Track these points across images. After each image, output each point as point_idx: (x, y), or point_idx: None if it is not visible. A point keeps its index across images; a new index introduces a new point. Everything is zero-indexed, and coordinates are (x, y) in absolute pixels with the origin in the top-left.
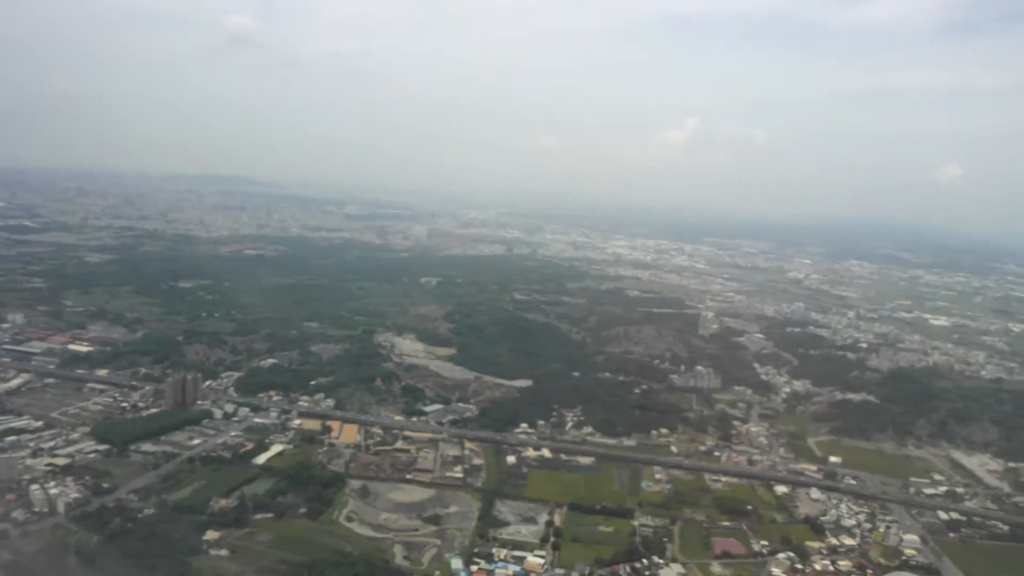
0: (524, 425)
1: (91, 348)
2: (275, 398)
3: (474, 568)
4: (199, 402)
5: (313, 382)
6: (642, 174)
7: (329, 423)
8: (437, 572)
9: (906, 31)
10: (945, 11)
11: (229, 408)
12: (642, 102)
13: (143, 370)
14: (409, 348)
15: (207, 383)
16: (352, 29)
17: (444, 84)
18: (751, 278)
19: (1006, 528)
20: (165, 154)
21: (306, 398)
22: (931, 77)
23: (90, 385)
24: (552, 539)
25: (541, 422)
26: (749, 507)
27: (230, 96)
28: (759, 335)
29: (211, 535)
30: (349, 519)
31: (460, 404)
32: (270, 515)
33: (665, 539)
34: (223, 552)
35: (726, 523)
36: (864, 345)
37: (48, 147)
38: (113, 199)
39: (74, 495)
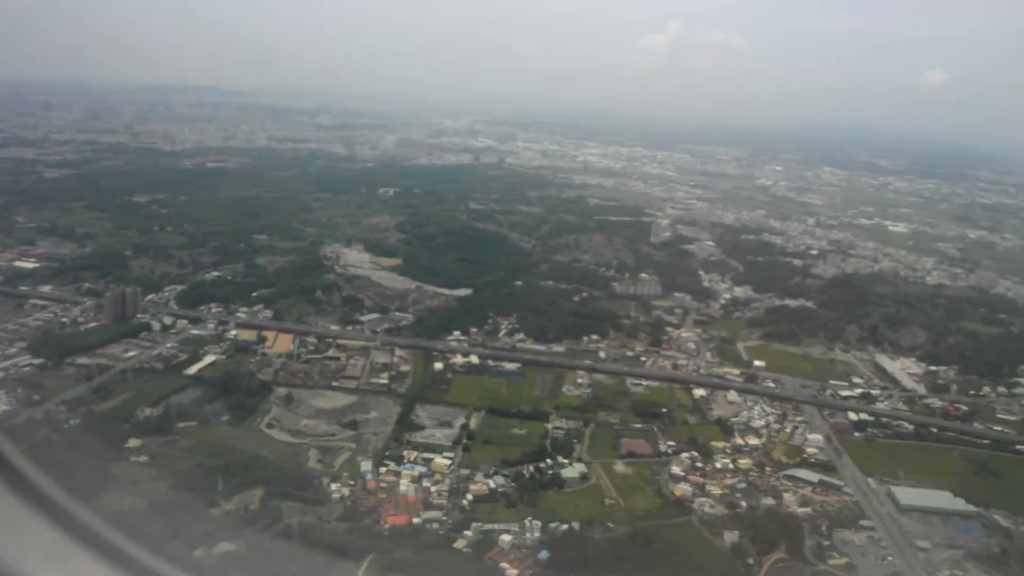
0: (457, 333)
1: (37, 264)
2: (215, 310)
3: (382, 469)
4: (139, 316)
5: (255, 294)
6: (624, 80)
7: (265, 333)
8: (345, 473)
9: None
10: None
11: (168, 321)
12: (624, 4)
13: (87, 285)
14: (355, 259)
15: (149, 296)
16: None
17: None
18: (717, 185)
19: (911, 428)
20: (137, 64)
21: (245, 310)
22: None
23: (32, 301)
24: (464, 441)
25: (474, 330)
26: (664, 410)
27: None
28: (709, 242)
29: (133, 443)
30: (270, 425)
31: (397, 313)
32: (194, 423)
33: (575, 440)
34: (143, 459)
35: (638, 425)
36: (815, 252)
37: (15, 58)
38: (79, 112)
39: (2, 407)
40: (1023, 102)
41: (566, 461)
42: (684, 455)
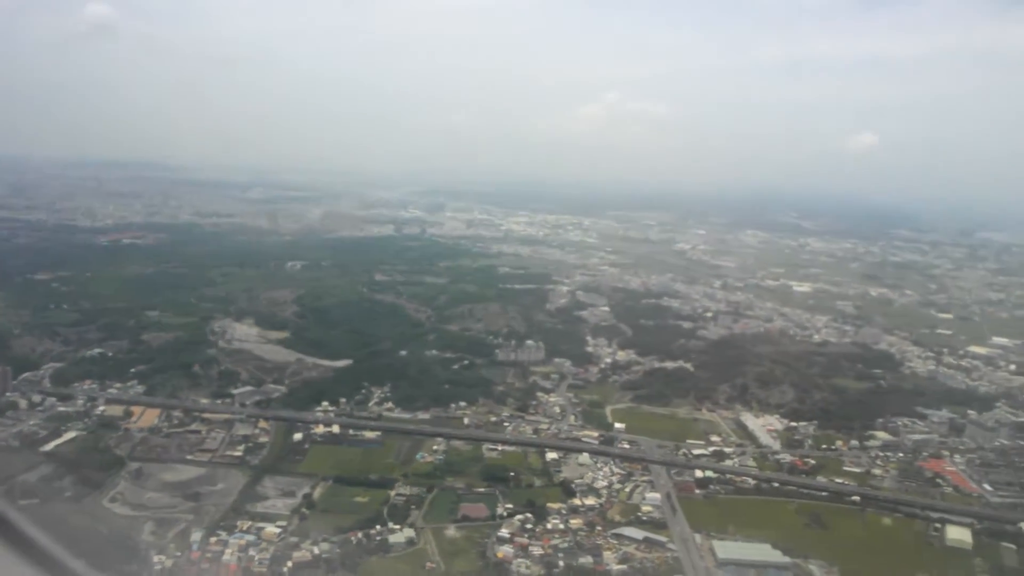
0: (326, 403)
1: None
2: (87, 386)
3: (212, 539)
4: (8, 394)
5: (132, 369)
6: (563, 148)
7: (132, 408)
8: (172, 544)
9: (823, 1)
10: None
11: (37, 398)
12: (561, 76)
13: None
14: (243, 333)
15: (24, 375)
16: (264, 9)
17: (358, 64)
18: (636, 251)
19: (753, 483)
20: (73, 139)
21: (118, 385)
22: (848, 46)
23: None
24: (303, 510)
25: (343, 400)
26: (512, 474)
27: (143, 79)
28: (604, 308)
29: None
30: (114, 500)
31: (271, 385)
32: (36, 500)
33: (414, 506)
34: None
35: (481, 489)
36: (709, 314)
37: None
38: (3, 188)
39: None
40: (949, 163)
41: (397, 527)
42: (518, 517)
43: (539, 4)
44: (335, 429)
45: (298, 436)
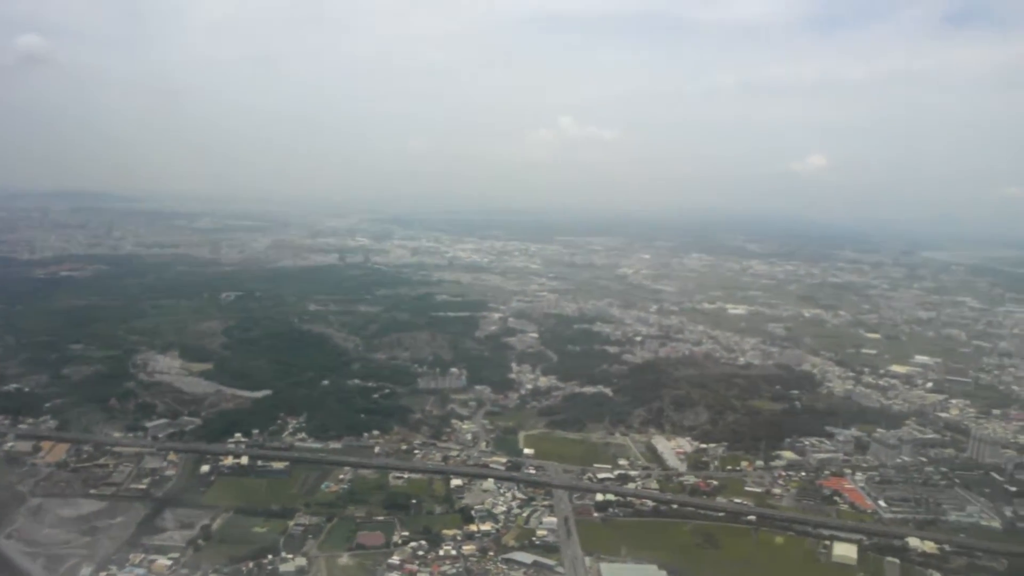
0: (239, 435)
1: None
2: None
3: (102, 574)
4: None
5: (48, 404)
6: (521, 174)
7: (43, 443)
8: None
9: (774, 26)
10: (809, 6)
11: None
12: (518, 102)
13: None
14: (165, 365)
15: None
16: (221, 32)
17: (313, 91)
18: (578, 276)
19: (652, 505)
20: (23, 169)
21: (31, 420)
22: (798, 70)
23: None
24: (199, 541)
25: (256, 431)
26: (414, 501)
27: (94, 110)
28: (533, 335)
29: None
30: (9, 536)
31: (187, 417)
32: None
33: (311, 536)
34: None
35: (380, 518)
36: (639, 339)
37: None
38: None
39: None
40: (896, 184)
41: (290, 556)
42: (412, 545)
43: (495, 31)
44: (244, 460)
45: (206, 468)
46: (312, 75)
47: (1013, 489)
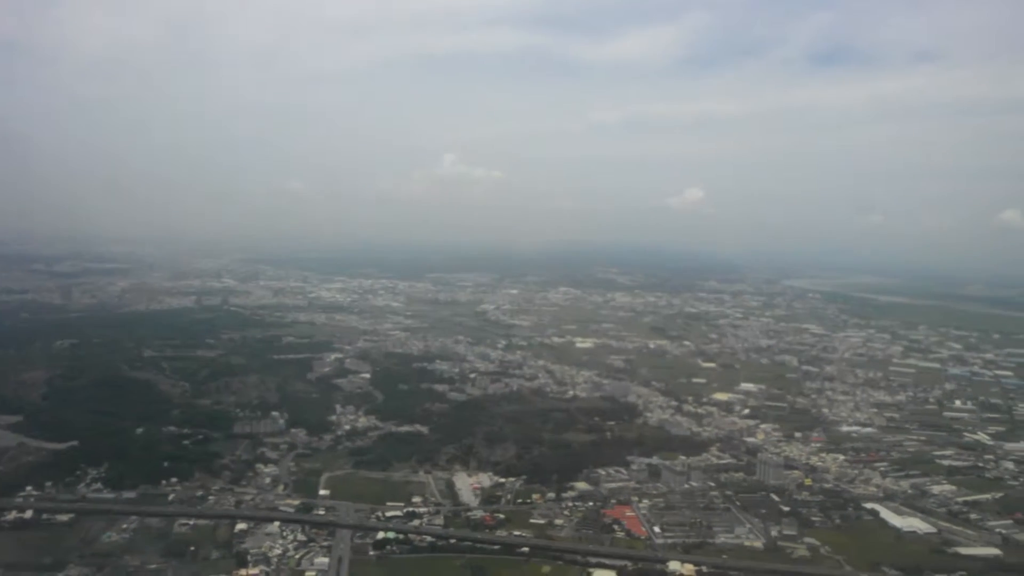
0: (30, 488)
1: None
2: None
3: None
4: None
5: None
6: (404, 211)
7: None
8: None
9: (654, 66)
10: (686, 47)
11: None
12: (401, 141)
13: None
14: None
15: None
16: (100, 69)
17: (193, 130)
18: (437, 313)
19: (430, 541)
20: None
21: None
22: (678, 107)
23: None
24: None
25: (50, 483)
26: (192, 548)
27: None
28: (366, 375)
29: None
30: None
31: None
32: None
33: None
34: None
35: (154, 565)
36: (473, 376)
37: None
38: None
39: None
40: (770, 215)
41: None
42: None
43: (379, 70)
44: (27, 514)
45: None
46: (192, 114)
47: (786, 509)
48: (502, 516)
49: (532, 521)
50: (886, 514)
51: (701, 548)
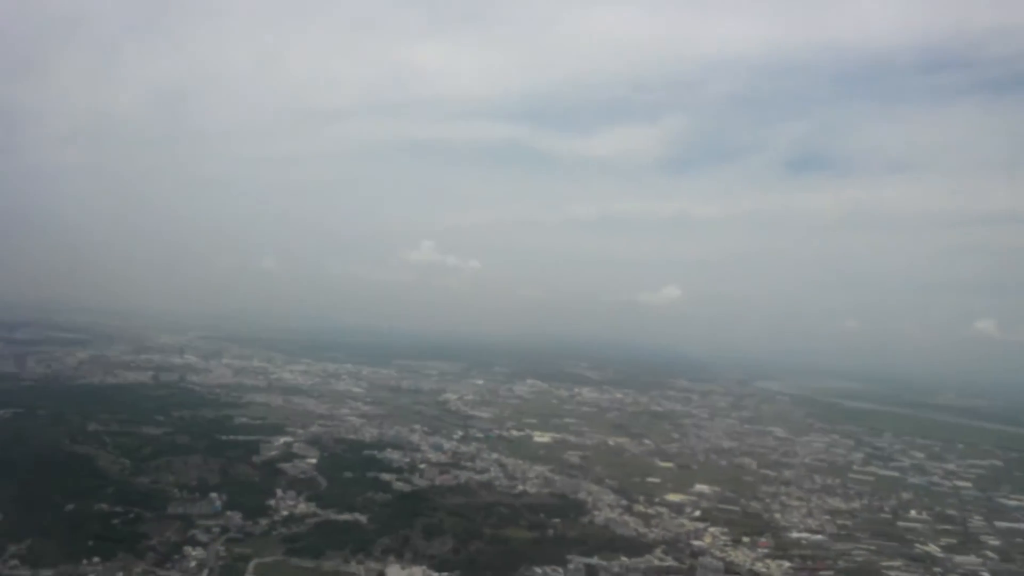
0: None
1: None
2: None
3: None
4: None
5: None
6: (374, 296)
7: None
8: None
9: (632, 164)
10: (663, 149)
11: None
12: (378, 225)
13: None
14: None
15: None
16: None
17: (165, 207)
18: (397, 401)
19: None
20: None
21: None
22: (655, 206)
23: None
24: None
25: None
26: None
27: None
28: (312, 460)
29: None
30: None
31: None
32: None
33: None
34: None
35: None
36: (423, 466)
37: None
38: None
39: None
40: (745, 317)
41: None
42: None
43: (357, 154)
44: None
45: None
46: (166, 187)
47: None
48: None
49: None
50: None
51: None
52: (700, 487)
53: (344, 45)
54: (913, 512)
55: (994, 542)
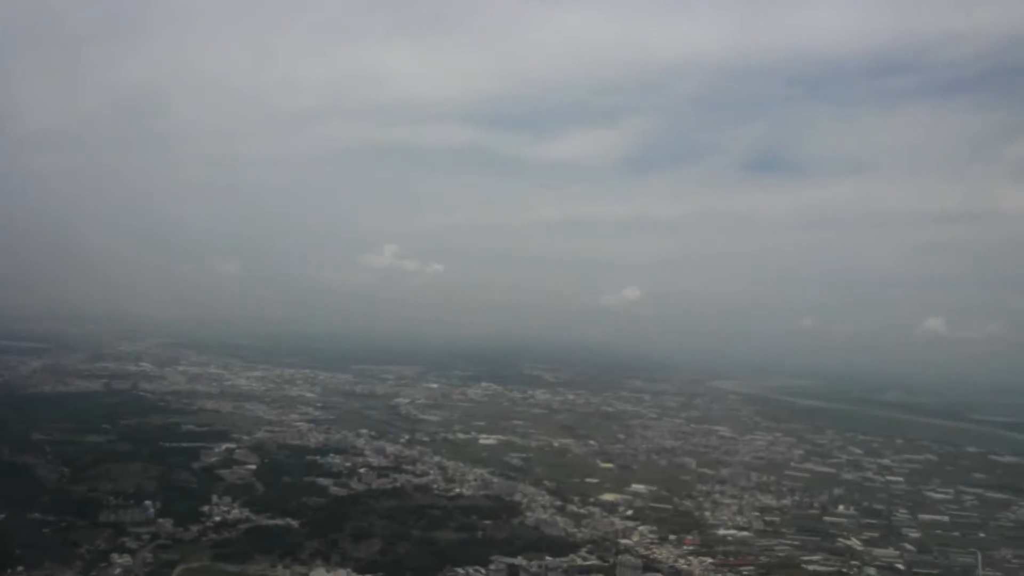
0: None
1: None
2: None
3: None
4: None
5: None
6: (337, 300)
7: None
8: None
9: (593, 166)
10: (624, 151)
11: None
12: (341, 229)
13: None
14: None
15: None
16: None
17: (128, 209)
18: (348, 406)
19: None
20: None
21: None
22: (616, 207)
23: None
24: None
25: None
26: None
27: None
28: (252, 466)
29: None
30: None
31: None
32: None
33: None
34: None
35: None
36: (362, 470)
37: None
38: None
39: None
40: (705, 316)
41: None
42: None
43: (319, 158)
44: None
45: None
46: (128, 191)
47: None
48: None
49: None
50: None
51: None
52: (636, 487)
53: (308, 48)
54: (841, 507)
55: (915, 535)
